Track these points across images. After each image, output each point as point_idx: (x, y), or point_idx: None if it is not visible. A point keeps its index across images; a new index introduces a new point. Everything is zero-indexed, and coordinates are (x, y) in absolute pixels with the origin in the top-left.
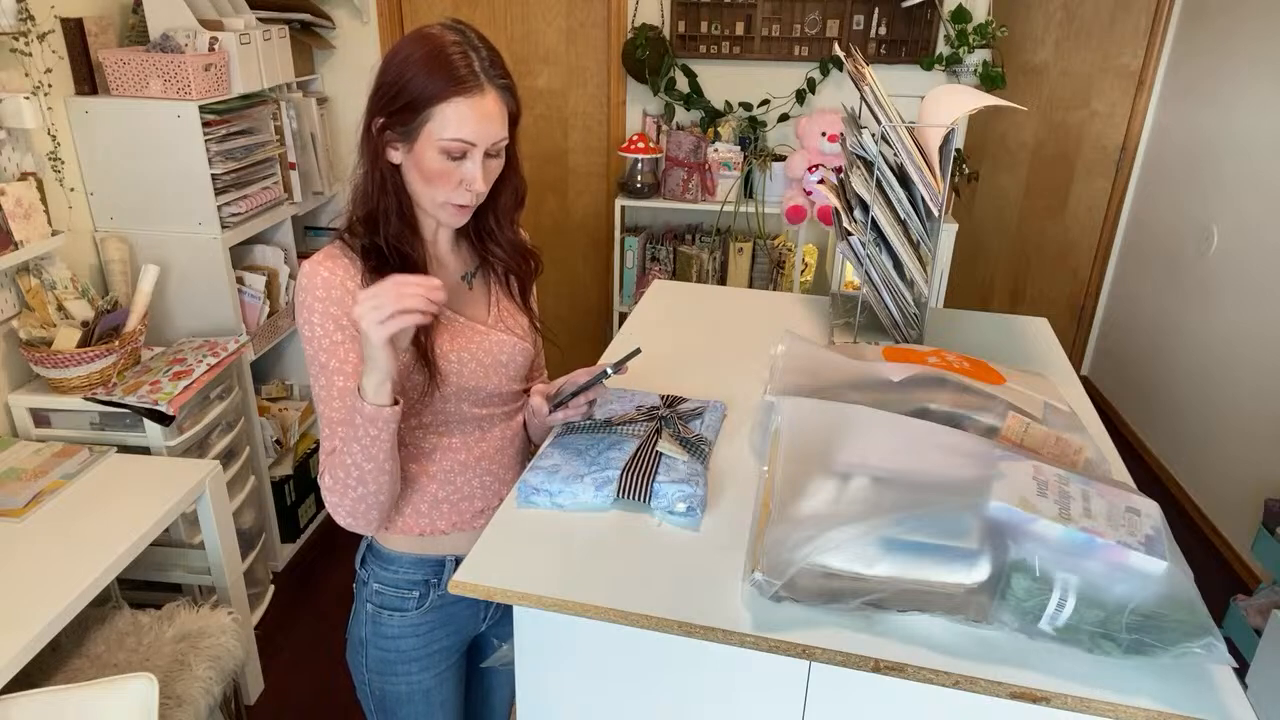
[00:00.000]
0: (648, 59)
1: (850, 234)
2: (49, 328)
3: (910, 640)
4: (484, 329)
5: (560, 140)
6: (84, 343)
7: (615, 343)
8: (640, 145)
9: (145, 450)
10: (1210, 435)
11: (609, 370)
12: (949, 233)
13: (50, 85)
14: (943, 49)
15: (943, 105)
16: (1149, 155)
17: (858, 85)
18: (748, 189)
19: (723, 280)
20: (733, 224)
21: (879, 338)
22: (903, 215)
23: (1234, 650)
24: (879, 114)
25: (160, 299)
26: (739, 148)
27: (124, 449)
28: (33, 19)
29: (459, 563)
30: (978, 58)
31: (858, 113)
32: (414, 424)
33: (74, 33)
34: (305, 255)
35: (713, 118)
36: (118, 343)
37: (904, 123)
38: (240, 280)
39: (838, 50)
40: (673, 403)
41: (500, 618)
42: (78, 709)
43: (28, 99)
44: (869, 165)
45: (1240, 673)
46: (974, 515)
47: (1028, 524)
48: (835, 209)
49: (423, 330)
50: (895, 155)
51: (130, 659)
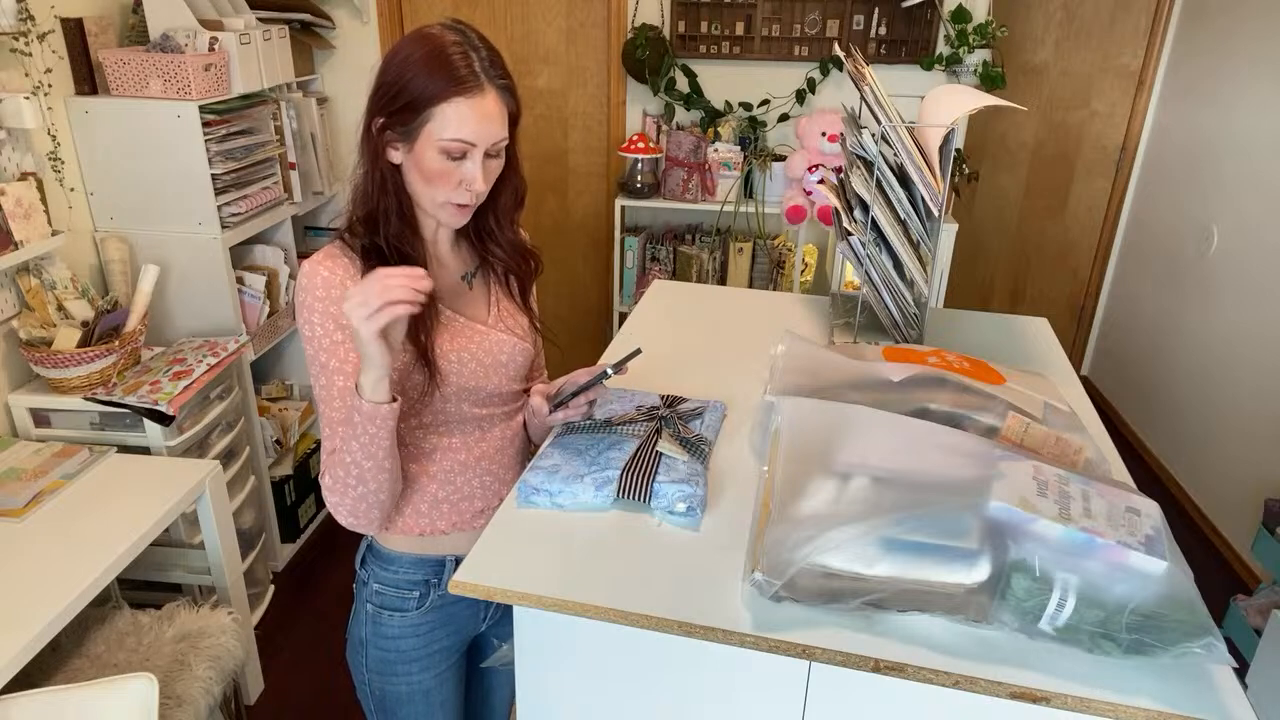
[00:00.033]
0: (648, 59)
1: (850, 234)
2: (49, 328)
3: (910, 640)
4: (484, 329)
5: (560, 140)
6: (84, 343)
7: (615, 343)
8: (640, 145)
9: (145, 450)
10: (1210, 435)
11: (609, 370)
12: (949, 233)
13: (50, 85)
14: (943, 49)
15: (943, 105)
16: (1149, 155)
17: (858, 85)
18: (748, 189)
19: (723, 280)
20: (733, 224)
21: (879, 338)
22: (903, 215)
23: (1234, 650)
24: (879, 114)
25: (160, 299)
26: (739, 148)
27: (124, 449)
28: (33, 19)
29: (459, 563)
30: (978, 58)
31: (858, 113)
32: (414, 424)
33: (74, 33)
34: (305, 255)
35: (713, 118)
36: (118, 343)
37: (904, 123)
38: (240, 280)
39: (838, 50)
40: (673, 403)
41: (500, 618)
42: (78, 709)
43: (28, 99)
44: (869, 165)
45: (1240, 673)
46: (974, 515)
47: (1028, 524)
48: (835, 209)
49: (423, 330)
50: (895, 155)
51: (130, 659)
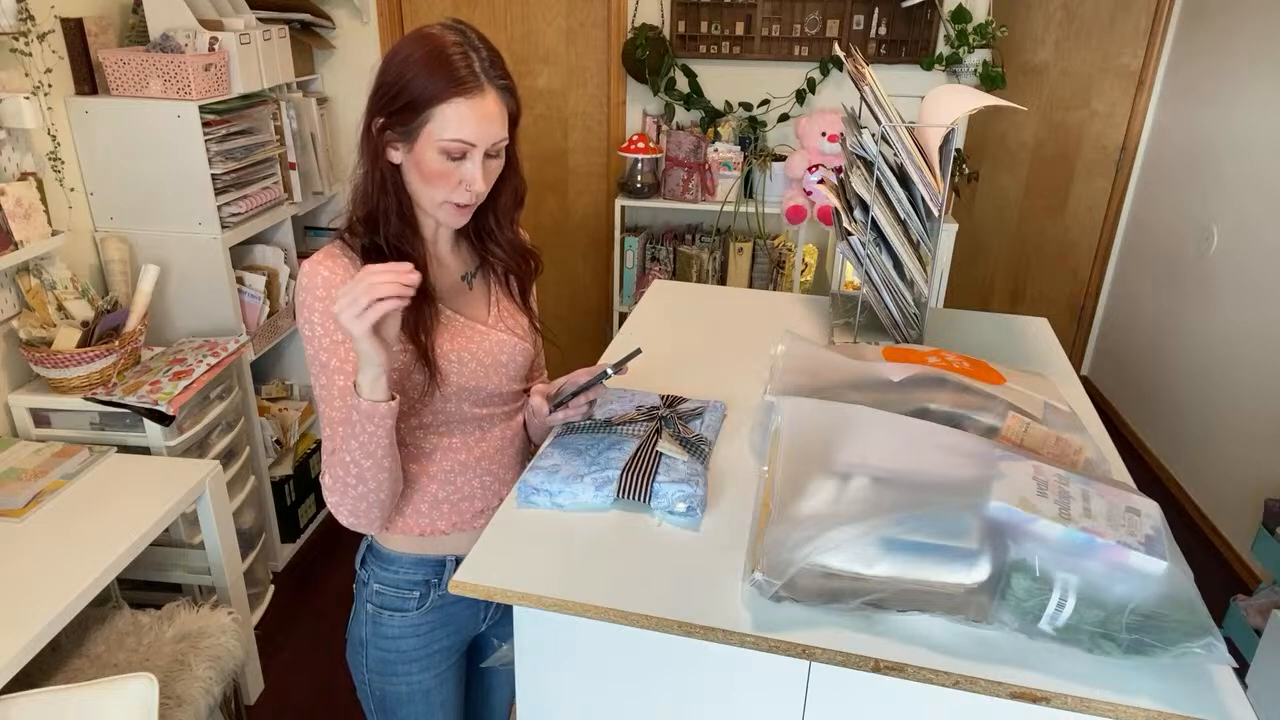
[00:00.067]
0: (648, 59)
1: (850, 234)
2: (49, 328)
3: (910, 640)
4: (484, 329)
5: (560, 140)
6: (84, 343)
7: (615, 343)
8: (640, 145)
9: (145, 450)
10: (1210, 435)
11: (609, 370)
12: (949, 233)
13: (50, 85)
14: (943, 49)
15: (943, 105)
16: (1149, 155)
17: (858, 85)
18: (748, 189)
19: (723, 280)
20: (733, 224)
21: (879, 338)
22: (903, 215)
23: (1234, 650)
24: (879, 114)
25: (160, 299)
26: (739, 148)
27: (124, 449)
28: (33, 19)
29: (459, 563)
30: (978, 58)
31: (858, 113)
32: (414, 424)
33: (74, 33)
34: (305, 255)
35: (713, 118)
36: (118, 343)
37: (904, 123)
38: (240, 280)
39: (838, 50)
40: (673, 403)
41: (500, 618)
42: (78, 709)
43: (28, 99)
44: (869, 165)
45: (1240, 673)
46: (974, 515)
47: (1028, 524)
48: (835, 209)
49: (423, 330)
50: (895, 155)
51: (130, 659)
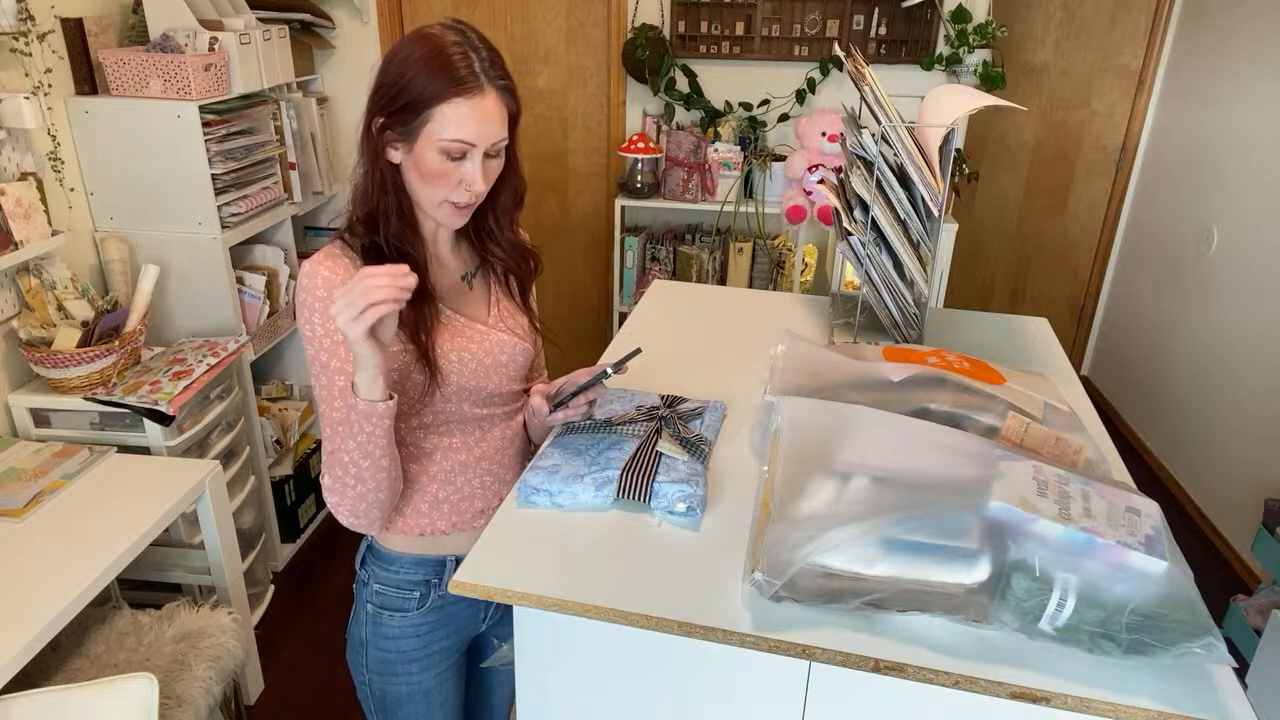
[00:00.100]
0: (648, 59)
1: (850, 234)
2: (49, 328)
3: (910, 640)
4: (484, 329)
5: (560, 140)
6: (84, 343)
7: (615, 343)
8: (640, 145)
9: (145, 450)
10: (1210, 435)
11: (609, 370)
12: (949, 233)
13: (50, 85)
14: (943, 49)
15: (943, 105)
16: (1149, 155)
17: (858, 85)
18: (748, 189)
19: (723, 280)
20: (733, 224)
21: (879, 338)
22: (903, 215)
23: (1234, 650)
24: (879, 114)
25: (160, 299)
26: (739, 148)
27: (124, 449)
28: (33, 19)
29: (459, 563)
30: (978, 58)
31: (858, 113)
32: (414, 424)
33: (74, 33)
34: (305, 255)
35: (713, 118)
36: (118, 343)
37: (904, 123)
38: (240, 280)
39: (838, 50)
40: (673, 403)
41: (500, 618)
42: (78, 709)
43: (28, 99)
44: (869, 165)
45: (1240, 673)
46: (974, 515)
47: (1028, 524)
48: (835, 209)
49: (423, 330)
50: (895, 155)
51: (130, 659)
